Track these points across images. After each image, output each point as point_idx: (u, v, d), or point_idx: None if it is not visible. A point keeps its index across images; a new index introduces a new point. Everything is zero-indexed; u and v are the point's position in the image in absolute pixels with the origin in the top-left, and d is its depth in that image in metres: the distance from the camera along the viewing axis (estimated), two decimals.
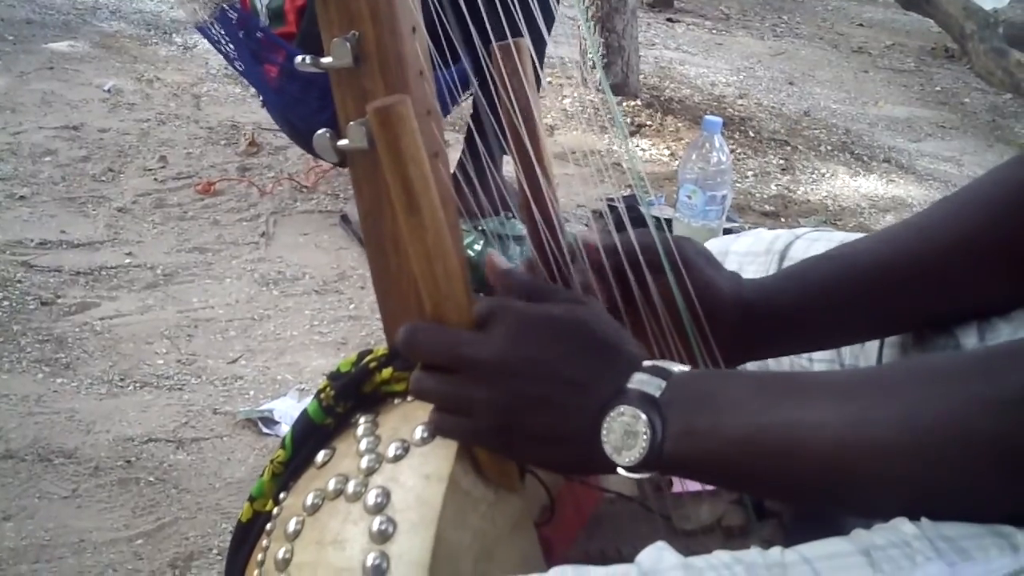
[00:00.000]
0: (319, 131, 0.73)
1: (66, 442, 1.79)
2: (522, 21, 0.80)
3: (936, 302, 0.89)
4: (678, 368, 0.70)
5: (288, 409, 1.90)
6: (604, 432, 0.68)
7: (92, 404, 1.91)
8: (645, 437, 0.66)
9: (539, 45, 2.30)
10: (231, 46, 2.57)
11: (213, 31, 2.55)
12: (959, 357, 0.68)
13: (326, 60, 0.72)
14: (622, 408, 0.67)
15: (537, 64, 0.81)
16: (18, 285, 2.26)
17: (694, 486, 0.90)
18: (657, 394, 0.68)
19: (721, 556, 0.62)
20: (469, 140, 2.53)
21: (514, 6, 0.79)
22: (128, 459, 1.77)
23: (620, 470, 0.68)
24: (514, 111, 0.79)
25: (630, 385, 0.69)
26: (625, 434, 0.67)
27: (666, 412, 0.67)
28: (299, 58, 0.73)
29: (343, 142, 0.73)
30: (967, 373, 0.63)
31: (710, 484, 0.86)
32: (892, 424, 0.62)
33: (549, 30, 2.45)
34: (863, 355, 0.98)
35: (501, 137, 0.83)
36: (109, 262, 2.42)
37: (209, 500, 1.69)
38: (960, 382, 0.62)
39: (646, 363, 0.70)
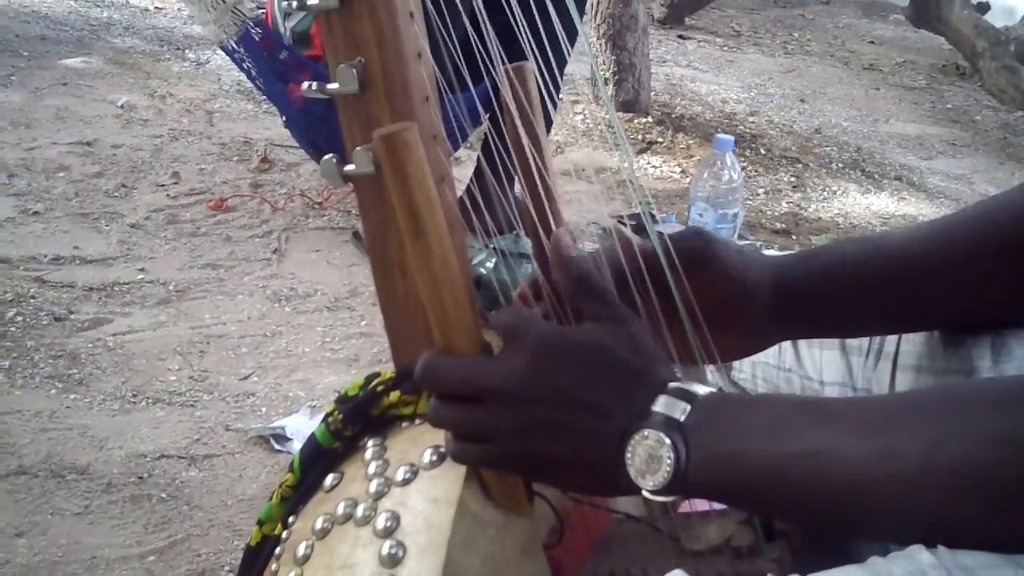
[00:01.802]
0: (326, 156, 0.74)
1: (79, 458, 1.79)
2: (541, 43, 0.80)
3: (958, 302, 0.88)
4: (704, 390, 0.70)
5: (300, 426, 1.91)
6: (628, 456, 0.68)
7: (105, 420, 1.91)
8: (669, 461, 0.66)
9: (552, 77, 2.30)
10: (254, 65, 2.58)
11: (236, 50, 2.56)
12: (985, 389, 0.67)
13: (332, 86, 0.73)
14: (646, 432, 0.67)
15: (547, 94, 0.82)
16: (32, 301, 2.27)
17: (703, 506, 0.90)
18: (682, 418, 0.68)
19: None
20: (481, 159, 2.54)
21: (533, 25, 0.80)
22: (140, 475, 1.77)
23: (645, 493, 0.68)
24: (520, 134, 0.80)
25: (655, 408, 0.68)
26: (649, 458, 0.67)
27: (689, 436, 0.67)
28: (306, 84, 0.74)
29: (349, 167, 0.74)
30: (994, 408, 0.62)
31: (732, 507, 0.86)
32: (917, 458, 0.61)
33: (562, 68, 2.46)
34: (875, 378, 0.98)
35: (510, 160, 0.83)
36: (122, 278, 2.43)
37: (221, 517, 1.70)
38: (987, 418, 0.61)
39: (671, 385, 0.70)
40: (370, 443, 0.79)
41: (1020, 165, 4.25)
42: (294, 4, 0.71)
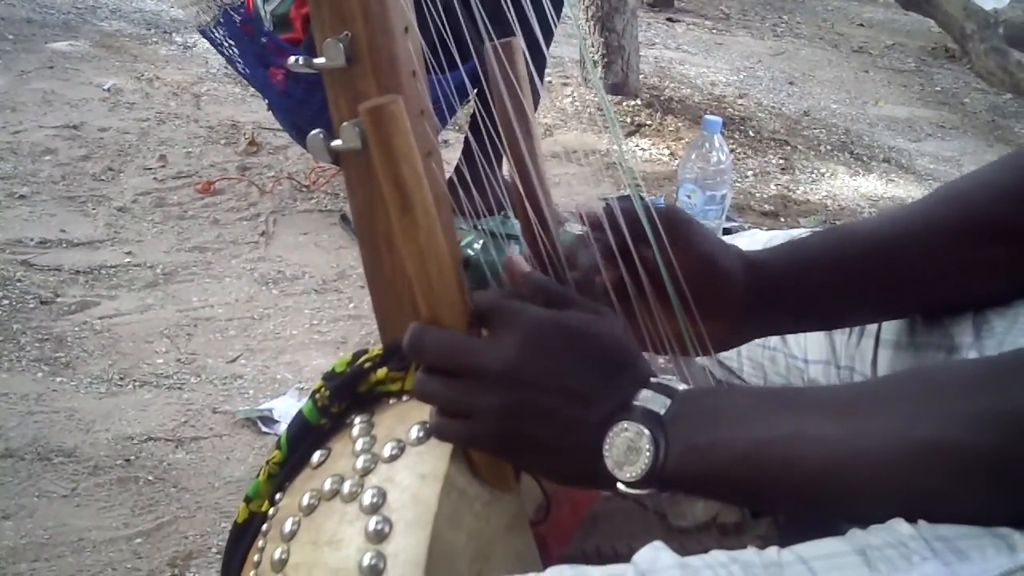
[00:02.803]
0: (313, 132, 0.73)
1: (65, 441, 1.79)
2: (519, 30, 0.80)
3: (936, 284, 0.88)
4: (684, 387, 0.71)
5: (287, 408, 1.91)
6: (606, 447, 0.68)
7: (91, 403, 1.91)
8: (648, 453, 0.67)
9: (538, 56, 2.30)
10: (235, 49, 2.57)
11: (216, 34, 2.55)
12: (957, 369, 0.68)
13: (319, 61, 0.73)
14: (626, 424, 0.68)
15: (535, 73, 0.82)
16: (18, 284, 2.26)
17: None
18: (662, 412, 0.68)
19: (717, 555, 0.62)
20: (468, 140, 2.54)
21: (511, 13, 0.79)
22: (127, 458, 1.77)
23: (620, 485, 0.68)
24: (508, 110, 0.80)
25: (636, 401, 0.69)
26: (628, 450, 0.67)
27: (669, 430, 0.67)
28: (292, 59, 0.73)
29: (336, 143, 0.74)
30: (966, 386, 0.63)
31: (709, 499, 0.86)
32: (889, 438, 0.62)
33: (548, 42, 2.45)
34: (858, 355, 0.98)
35: (498, 137, 0.83)
36: (109, 261, 2.42)
37: (208, 499, 1.70)
38: (959, 396, 0.62)
39: (653, 380, 0.71)
40: (357, 419, 0.79)
41: (1008, 147, 4.25)
42: None
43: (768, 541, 0.82)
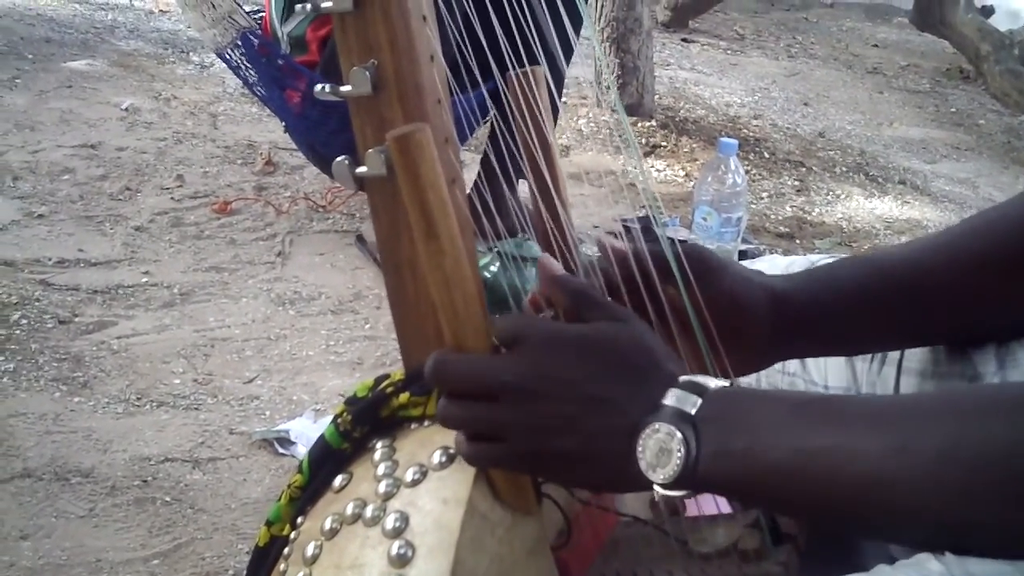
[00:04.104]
0: (338, 159, 0.74)
1: (83, 461, 1.79)
2: (540, 50, 0.80)
3: (959, 317, 0.88)
4: (715, 383, 0.69)
5: (304, 429, 1.91)
6: (640, 449, 0.67)
7: (109, 423, 1.91)
8: (679, 454, 0.66)
9: (556, 74, 2.31)
10: (252, 71, 2.59)
11: (233, 56, 2.56)
12: (1005, 391, 0.67)
13: (345, 88, 0.73)
14: (657, 425, 0.67)
15: (555, 91, 0.82)
16: (36, 303, 2.27)
17: (710, 509, 0.90)
18: (692, 411, 0.67)
19: None
20: (486, 162, 2.54)
21: (537, 24, 0.80)
22: (144, 479, 1.77)
23: (656, 488, 0.68)
24: (530, 136, 0.80)
25: (665, 401, 0.68)
26: (660, 451, 0.66)
27: (701, 429, 0.67)
28: (319, 87, 0.74)
29: (362, 169, 0.74)
30: (1013, 410, 0.61)
31: (742, 503, 0.86)
32: (933, 457, 0.61)
33: (568, 60, 2.46)
34: (880, 383, 0.98)
35: (518, 160, 0.83)
36: (126, 281, 2.43)
37: (225, 520, 1.70)
38: (1007, 419, 0.61)
39: (682, 378, 0.70)
40: (379, 444, 0.79)
41: None
42: (308, 7, 0.71)
43: (789, 567, 0.83)
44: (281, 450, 1.88)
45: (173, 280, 2.46)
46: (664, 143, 3.81)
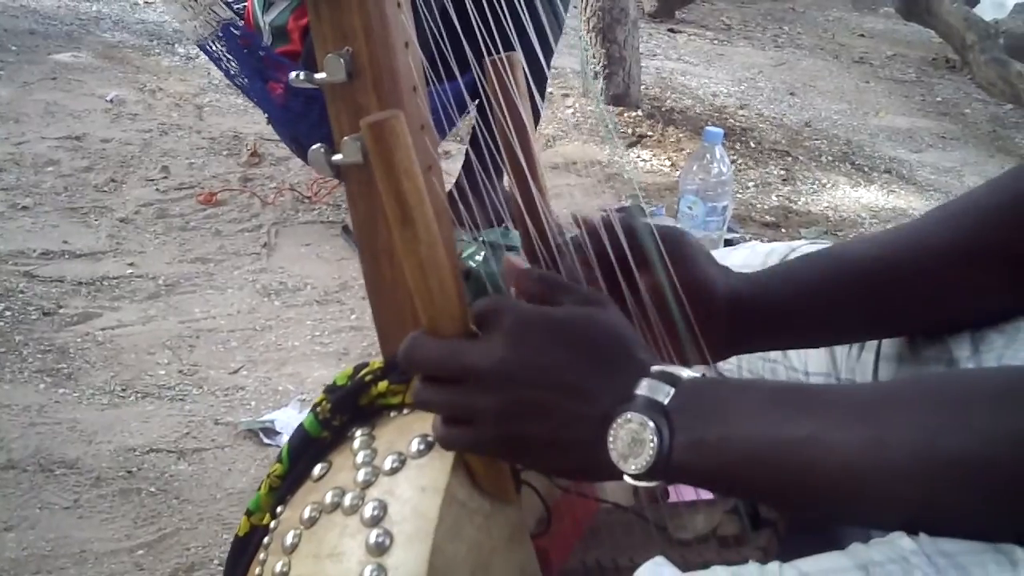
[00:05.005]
0: (314, 146, 0.74)
1: (68, 452, 1.79)
2: (527, 33, 0.80)
3: (929, 307, 0.88)
4: (688, 373, 0.69)
5: (289, 420, 1.91)
6: (611, 439, 0.67)
7: (94, 414, 1.91)
8: (652, 445, 0.65)
9: (546, 55, 2.31)
10: (234, 63, 2.58)
11: (215, 48, 2.56)
12: (983, 382, 0.66)
13: (320, 76, 0.73)
14: (629, 415, 0.66)
15: (535, 90, 0.82)
16: (20, 295, 2.27)
17: (690, 496, 0.90)
18: (665, 401, 0.67)
19: (719, 571, 0.62)
20: (469, 153, 2.54)
21: (518, 17, 0.80)
22: (129, 470, 1.77)
23: (627, 478, 0.67)
24: (506, 123, 0.80)
25: (638, 391, 0.68)
26: (632, 442, 0.66)
27: (674, 419, 0.66)
28: (293, 74, 0.74)
29: (338, 157, 0.74)
30: (992, 401, 0.62)
31: (715, 493, 0.86)
32: (910, 449, 0.61)
33: (556, 40, 2.46)
34: (859, 368, 0.98)
35: (498, 150, 0.83)
36: (111, 272, 2.42)
37: (210, 511, 1.70)
38: (986, 412, 0.61)
39: (655, 368, 0.69)
40: (358, 433, 0.79)
41: (1009, 158, 4.25)
42: None
43: (768, 552, 0.83)
44: (266, 440, 1.88)
45: (158, 271, 2.45)
46: (650, 133, 3.81)
